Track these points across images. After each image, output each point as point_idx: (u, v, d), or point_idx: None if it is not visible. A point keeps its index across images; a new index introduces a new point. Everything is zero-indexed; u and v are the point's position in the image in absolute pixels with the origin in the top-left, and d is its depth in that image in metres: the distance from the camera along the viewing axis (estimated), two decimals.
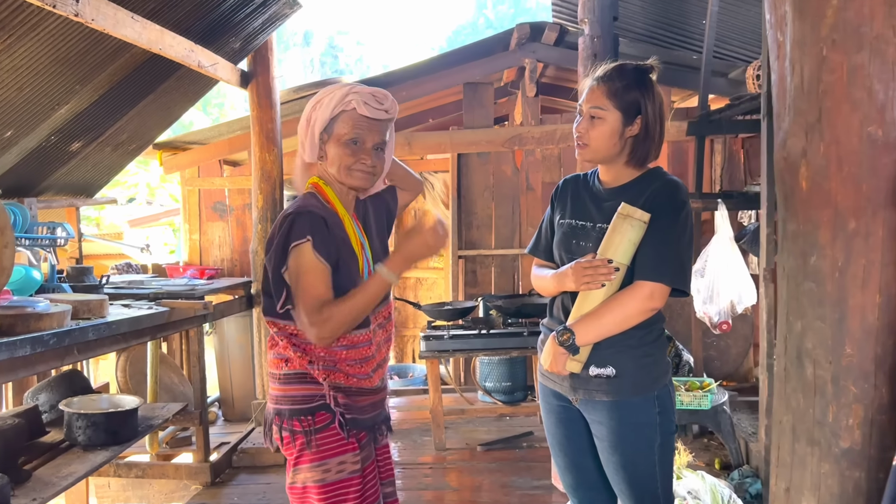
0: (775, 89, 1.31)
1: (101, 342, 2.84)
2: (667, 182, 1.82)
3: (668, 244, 1.75)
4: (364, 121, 1.67)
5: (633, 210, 1.73)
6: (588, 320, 1.78)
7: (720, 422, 3.57)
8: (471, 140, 4.99)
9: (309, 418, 1.67)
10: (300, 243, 1.60)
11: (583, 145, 1.85)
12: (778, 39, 1.27)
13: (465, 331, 4.20)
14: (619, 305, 1.75)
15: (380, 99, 1.69)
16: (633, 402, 1.82)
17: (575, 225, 1.91)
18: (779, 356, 1.34)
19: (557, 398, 1.98)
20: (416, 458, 4.05)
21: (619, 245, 1.74)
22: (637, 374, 1.82)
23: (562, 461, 2.05)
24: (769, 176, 3.18)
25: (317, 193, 1.74)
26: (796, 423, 1.28)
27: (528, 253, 2.12)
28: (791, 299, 1.28)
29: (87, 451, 2.86)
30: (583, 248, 1.86)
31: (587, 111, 1.83)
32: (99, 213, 12.31)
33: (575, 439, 1.98)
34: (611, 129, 1.80)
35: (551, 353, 1.84)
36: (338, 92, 1.68)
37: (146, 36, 3.12)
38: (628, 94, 1.78)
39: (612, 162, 1.87)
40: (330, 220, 1.67)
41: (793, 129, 1.24)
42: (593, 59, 4.04)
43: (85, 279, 3.54)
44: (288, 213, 1.65)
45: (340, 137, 1.67)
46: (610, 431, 1.84)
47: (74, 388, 3.33)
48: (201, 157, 5.44)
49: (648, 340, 1.84)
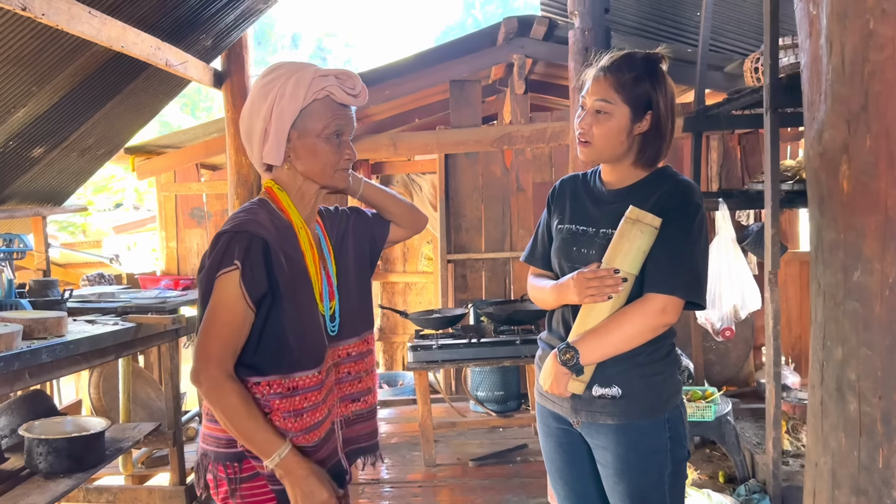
0: (806, 73, 1.11)
1: (57, 364, 2.63)
2: (678, 183, 1.65)
3: (681, 252, 1.58)
4: (340, 109, 1.43)
5: (642, 214, 1.56)
6: (593, 337, 1.60)
7: (724, 433, 3.39)
8: (458, 140, 4.81)
9: (235, 465, 1.43)
10: (227, 271, 1.35)
11: (585, 143, 1.66)
12: (810, 12, 1.06)
13: (454, 340, 4.03)
14: (628, 321, 1.58)
15: (352, 81, 1.44)
16: (642, 426, 1.65)
17: (575, 230, 1.72)
18: (813, 387, 1.14)
19: (557, 420, 1.80)
20: (405, 475, 3.86)
21: (628, 253, 1.57)
22: (645, 394, 1.65)
23: (562, 490, 1.87)
24: (773, 173, 3.01)
25: (269, 201, 1.48)
26: (836, 467, 1.08)
27: (523, 261, 1.92)
28: (829, 321, 1.08)
29: (48, 479, 2.68)
30: (585, 255, 1.68)
31: (591, 105, 1.64)
32: (85, 219, 12.09)
33: (576, 466, 1.80)
34: (618, 126, 1.62)
35: (552, 374, 1.66)
36: (303, 76, 1.41)
37: (106, 33, 2.91)
38: (638, 86, 1.61)
39: (618, 162, 1.68)
40: (277, 238, 1.41)
41: (831, 119, 1.04)
42: (584, 52, 3.86)
43: (48, 293, 3.32)
44: (223, 231, 1.39)
45: (321, 132, 1.42)
46: (615, 458, 1.67)
47: (37, 411, 3.13)
48: (177, 161, 5.22)
49: (658, 357, 1.67)
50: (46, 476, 2.66)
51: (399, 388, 5.95)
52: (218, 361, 1.34)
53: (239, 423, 1.34)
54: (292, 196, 1.48)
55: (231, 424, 1.35)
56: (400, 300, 7.22)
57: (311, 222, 1.52)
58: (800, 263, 5.56)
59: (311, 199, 1.50)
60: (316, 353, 1.45)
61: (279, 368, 1.40)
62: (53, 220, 11.16)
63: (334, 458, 1.52)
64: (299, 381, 1.42)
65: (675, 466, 1.69)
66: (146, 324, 3.18)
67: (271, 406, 1.40)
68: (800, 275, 5.57)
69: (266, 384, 1.40)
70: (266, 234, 1.39)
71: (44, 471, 2.67)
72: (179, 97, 5.31)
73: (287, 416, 1.40)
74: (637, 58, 1.64)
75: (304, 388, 1.42)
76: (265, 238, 1.38)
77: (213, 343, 1.34)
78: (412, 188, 6.66)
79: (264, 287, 1.37)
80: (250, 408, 1.35)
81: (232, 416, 1.34)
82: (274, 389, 1.40)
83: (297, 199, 1.48)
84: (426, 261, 7.19)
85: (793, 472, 3.19)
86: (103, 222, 12.43)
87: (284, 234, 1.44)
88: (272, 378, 1.40)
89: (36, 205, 4.18)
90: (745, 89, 3.57)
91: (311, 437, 1.43)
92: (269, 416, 1.39)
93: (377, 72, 4.89)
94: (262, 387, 1.40)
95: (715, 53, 4.56)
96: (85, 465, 2.74)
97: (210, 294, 1.36)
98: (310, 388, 1.43)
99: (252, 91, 1.47)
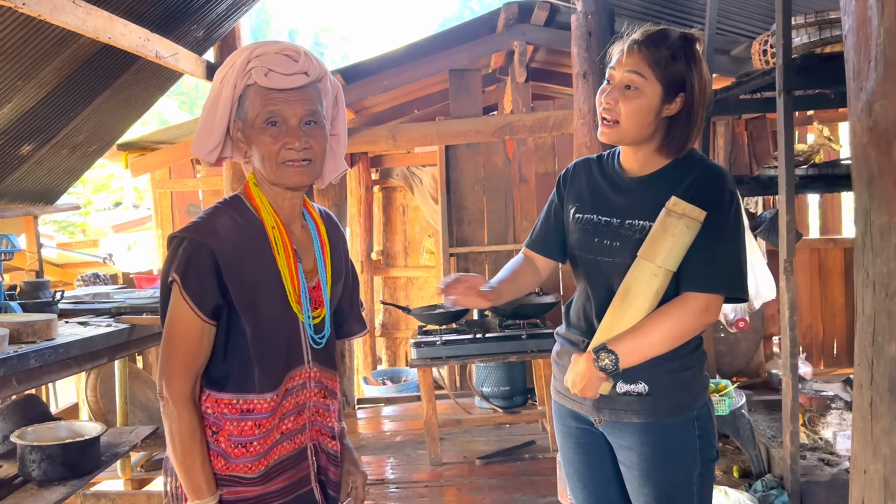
0: (851, 38, 1.00)
1: (47, 368, 2.53)
2: (709, 168, 1.55)
3: (720, 246, 1.48)
4: (275, 93, 1.26)
5: (689, 208, 1.45)
6: (633, 339, 1.50)
7: (739, 427, 3.29)
8: (458, 130, 4.69)
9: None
10: (171, 281, 1.26)
11: (610, 122, 1.53)
12: None
13: (458, 335, 3.94)
14: (671, 320, 1.49)
15: (291, 57, 1.26)
16: (669, 425, 1.57)
17: (598, 221, 1.61)
18: (861, 386, 1.04)
19: (576, 419, 1.70)
20: (411, 474, 3.76)
21: (672, 249, 1.47)
22: (673, 391, 1.57)
23: (581, 493, 1.77)
24: (788, 157, 2.90)
25: (243, 198, 1.35)
26: (889, 476, 0.98)
27: (525, 247, 1.80)
28: (881, 314, 0.97)
29: (42, 487, 2.59)
30: (609, 247, 1.57)
31: (621, 78, 1.51)
32: (84, 219, 12.02)
33: (598, 468, 1.71)
34: (648, 105, 1.49)
35: (585, 378, 1.54)
36: (237, 58, 1.26)
37: (91, 23, 2.79)
38: (673, 64, 1.49)
39: (641, 146, 1.57)
40: (240, 243, 1.28)
41: (882, 87, 0.93)
42: (587, 37, 3.75)
43: (40, 295, 3.23)
44: (172, 235, 1.29)
45: (254, 121, 1.26)
46: (641, 459, 1.58)
47: (30, 416, 3.04)
48: (171, 158, 5.11)
49: (686, 352, 1.58)
50: (40, 484, 2.58)
51: (402, 385, 5.86)
52: (174, 381, 1.26)
53: (179, 453, 1.27)
54: (268, 194, 1.34)
55: (171, 450, 1.29)
56: (402, 295, 7.12)
57: (292, 222, 1.38)
58: (809, 250, 5.46)
59: (286, 198, 1.34)
60: (273, 376, 1.32)
61: (238, 386, 1.30)
62: (53, 220, 11.09)
63: (304, 487, 1.39)
64: (255, 405, 1.31)
65: (704, 467, 1.60)
66: (140, 325, 3.08)
67: (221, 426, 1.30)
68: (809, 262, 5.48)
69: (221, 402, 1.31)
70: (216, 240, 1.26)
71: (37, 478, 2.59)
72: (177, 94, 5.23)
73: (234, 440, 1.30)
74: (674, 35, 1.52)
75: (257, 412, 1.31)
76: (211, 246, 1.25)
77: (171, 360, 1.27)
78: (412, 181, 6.55)
79: (216, 298, 1.26)
80: (193, 444, 1.27)
81: (175, 443, 1.27)
82: (227, 409, 1.30)
83: (273, 198, 1.34)
84: (428, 255, 7.09)
85: (810, 467, 3.09)
86: (103, 221, 12.38)
87: (252, 236, 1.31)
88: (228, 396, 1.30)
89: (27, 204, 4.08)
90: (754, 72, 3.45)
91: (255, 466, 1.31)
92: (216, 434, 1.30)
93: (375, 61, 4.79)
94: (217, 404, 1.31)
95: (721, 37, 4.44)
96: (80, 471, 2.65)
97: (167, 300, 1.28)
98: (262, 415, 1.31)
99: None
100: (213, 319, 1.27)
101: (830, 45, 3.05)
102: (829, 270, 5.49)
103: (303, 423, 1.38)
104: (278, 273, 1.31)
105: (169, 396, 1.26)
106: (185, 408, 1.26)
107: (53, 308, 3.09)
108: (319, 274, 1.39)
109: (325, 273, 1.40)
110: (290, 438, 1.36)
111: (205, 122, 1.32)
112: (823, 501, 2.96)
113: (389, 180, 6.78)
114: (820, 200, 5.63)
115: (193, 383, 1.28)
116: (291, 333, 1.34)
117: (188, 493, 1.29)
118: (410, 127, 5.09)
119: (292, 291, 1.32)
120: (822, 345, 5.52)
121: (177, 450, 1.27)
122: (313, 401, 1.40)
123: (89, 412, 3.97)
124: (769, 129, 5.10)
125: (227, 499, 1.31)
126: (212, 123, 1.31)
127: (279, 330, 1.32)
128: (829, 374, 5.22)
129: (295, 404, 1.36)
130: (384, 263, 7.11)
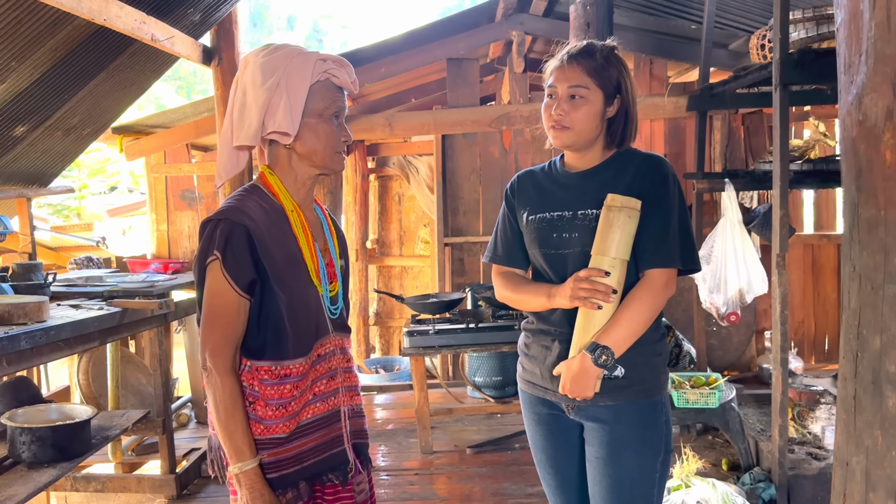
0: (843, 31, 1.00)
1: (38, 351, 2.53)
2: (648, 157, 1.72)
3: (667, 224, 1.63)
4: (339, 92, 1.47)
5: (626, 200, 1.60)
6: (620, 330, 1.60)
7: (729, 420, 3.31)
8: (455, 120, 4.68)
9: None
10: (212, 260, 1.38)
11: (562, 129, 1.67)
12: None
13: (451, 325, 3.95)
14: (643, 303, 1.61)
15: (349, 68, 1.49)
16: (642, 405, 1.67)
17: (551, 217, 1.72)
18: (845, 379, 1.04)
19: (547, 406, 1.77)
20: (401, 462, 3.77)
21: (621, 241, 1.60)
22: (646, 374, 1.68)
23: (554, 479, 1.83)
24: (783, 152, 2.90)
25: (261, 186, 1.49)
26: (871, 468, 0.99)
27: (486, 261, 1.90)
28: (866, 308, 0.98)
29: (31, 469, 2.59)
30: (567, 239, 1.69)
31: (565, 91, 1.67)
32: (80, 202, 11.96)
33: (568, 452, 1.79)
34: (595, 110, 1.66)
35: (582, 378, 1.61)
36: (309, 57, 1.44)
37: (87, 4, 2.76)
38: (607, 71, 1.67)
39: (589, 147, 1.71)
40: (267, 224, 1.42)
41: (872, 81, 0.93)
42: (586, 28, 3.75)
43: (32, 277, 3.21)
44: (207, 220, 1.43)
45: (322, 112, 1.44)
46: (614, 436, 1.66)
47: (21, 398, 3.03)
48: (166, 142, 5.08)
49: (655, 339, 1.71)
50: (30, 466, 2.58)
51: (395, 374, 5.86)
52: (217, 352, 1.38)
53: (223, 419, 1.39)
54: (286, 181, 1.49)
55: (216, 416, 1.40)
56: (396, 284, 7.12)
57: (305, 207, 1.53)
58: (803, 246, 5.47)
59: (305, 183, 1.51)
60: (305, 342, 1.46)
61: (274, 354, 1.43)
62: (48, 204, 11.03)
63: (338, 447, 1.52)
64: (291, 369, 1.43)
65: (666, 456, 1.70)
66: (133, 308, 3.07)
67: (257, 395, 1.42)
68: (802, 257, 5.49)
69: (261, 370, 1.42)
70: (249, 221, 1.39)
71: (27, 460, 2.59)
72: (174, 79, 5.20)
73: (273, 402, 1.42)
74: (600, 46, 1.70)
75: (293, 376, 1.44)
76: (247, 225, 1.38)
77: (212, 333, 1.38)
78: (409, 170, 6.53)
79: (251, 274, 1.39)
80: (236, 410, 1.39)
81: (218, 410, 1.39)
82: (266, 375, 1.42)
83: (291, 184, 1.49)
84: (423, 244, 7.08)
85: (798, 461, 3.11)
86: (98, 205, 12.32)
87: (275, 219, 1.45)
88: (267, 364, 1.42)
89: (20, 186, 4.05)
90: (752, 66, 3.45)
91: (291, 424, 1.44)
92: (252, 405, 1.42)
93: (372, 49, 4.76)
94: (255, 373, 1.42)
95: (719, 30, 4.43)
96: (70, 454, 2.66)
97: (203, 282, 1.40)
98: (297, 378, 1.44)
99: (250, 66, 1.44)
100: (249, 294, 1.40)
101: (828, 41, 3.05)
102: (822, 266, 5.50)
103: (335, 386, 1.52)
104: (300, 251, 1.46)
105: (213, 367, 1.38)
106: (227, 376, 1.38)
107: (45, 290, 3.08)
108: (331, 252, 1.56)
109: (335, 251, 1.57)
110: (322, 400, 1.50)
111: (290, 112, 1.40)
112: (810, 495, 2.98)
113: (386, 169, 6.76)
114: (815, 196, 5.63)
115: (234, 354, 1.40)
116: (315, 304, 1.48)
117: (231, 456, 1.39)
118: (407, 115, 5.07)
119: (312, 267, 1.47)
120: (814, 340, 5.55)
121: (220, 416, 1.38)
122: (343, 366, 1.55)
123: (81, 395, 3.97)
124: (766, 124, 5.09)
125: (266, 461, 1.41)
126: (298, 106, 1.41)
127: (307, 301, 1.46)
128: (820, 369, 5.24)
129: (327, 369, 1.51)
130: (379, 252, 7.10)
